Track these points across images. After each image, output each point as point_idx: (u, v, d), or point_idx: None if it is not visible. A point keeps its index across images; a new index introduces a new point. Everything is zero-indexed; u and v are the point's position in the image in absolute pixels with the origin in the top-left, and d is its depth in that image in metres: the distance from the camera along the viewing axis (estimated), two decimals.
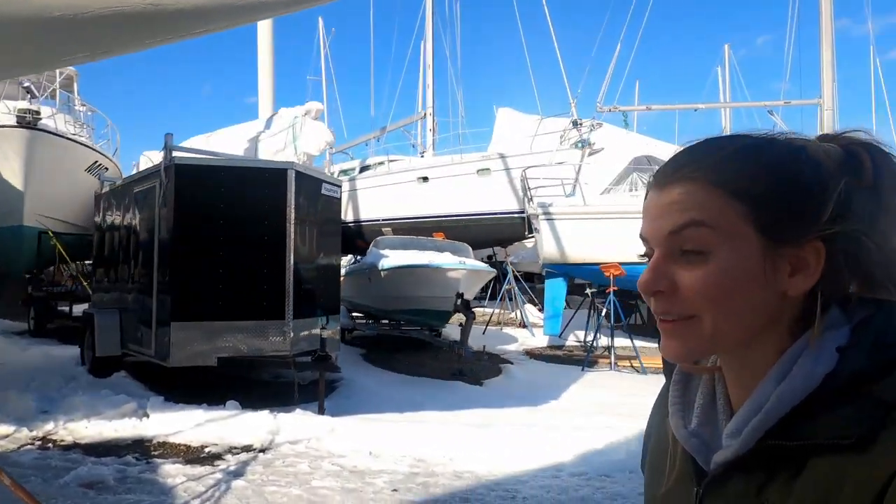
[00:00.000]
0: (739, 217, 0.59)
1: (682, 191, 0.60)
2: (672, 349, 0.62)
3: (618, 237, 9.01)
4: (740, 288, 0.59)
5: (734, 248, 0.58)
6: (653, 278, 0.61)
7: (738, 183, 0.59)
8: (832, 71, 9.67)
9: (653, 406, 0.80)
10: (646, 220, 0.63)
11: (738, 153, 0.61)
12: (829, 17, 9.65)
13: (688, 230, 0.59)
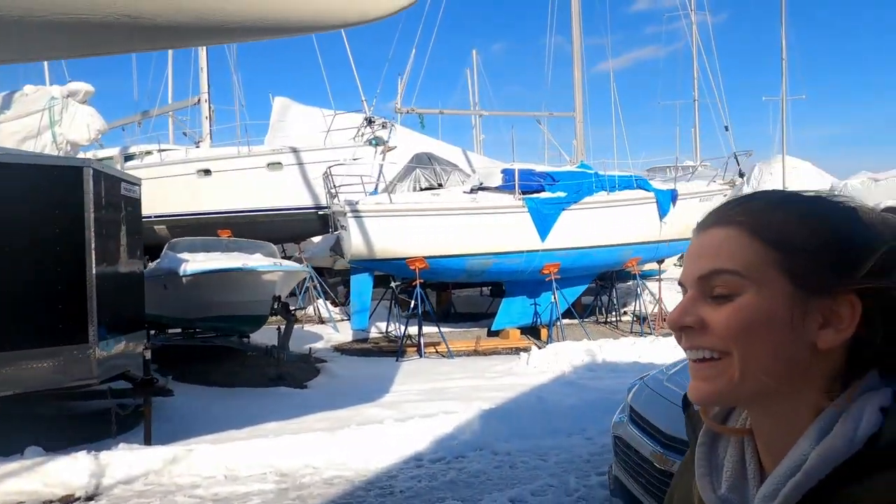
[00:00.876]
0: (771, 264, 0.59)
1: (720, 235, 0.62)
2: (699, 390, 0.62)
3: (422, 232, 9.59)
4: (765, 330, 0.58)
5: (761, 292, 0.59)
6: (680, 314, 0.62)
7: (776, 231, 0.60)
8: (581, 90, 11.63)
9: (678, 468, 0.79)
10: (685, 263, 0.66)
11: (783, 203, 0.62)
12: (579, 46, 11.57)
13: (718, 276, 0.60)
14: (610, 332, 10.93)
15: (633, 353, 8.19)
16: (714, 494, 0.64)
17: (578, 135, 11.33)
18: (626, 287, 13.44)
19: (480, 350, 9.63)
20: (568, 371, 7.53)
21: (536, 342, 9.97)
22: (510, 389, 6.76)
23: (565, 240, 9.90)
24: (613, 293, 12.28)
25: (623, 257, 10.85)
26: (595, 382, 6.99)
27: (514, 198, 9.72)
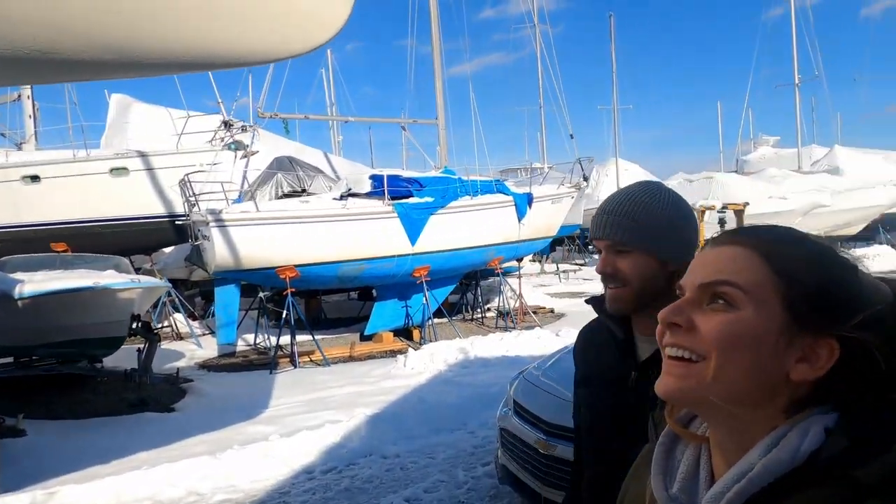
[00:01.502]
0: (773, 290, 0.62)
1: (731, 252, 0.65)
2: (668, 385, 0.65)
3: (292, 240, 9.41)
4: (750, 347, 0.62)
5: (758, 311, 0.62)
6: (671, 312, 0.65)
7: (786, 263, 0.63)
8: (443, 98, 12.10)
9: (634, 464, 0.84)
10: (688, 271, 0.68)
11: (797, 243, 0.66)
12: (439, 54, 12.02)
13: (719, 287, 0.63)
14: (477, 328, 11.53)
15: (501, 348, 8.75)
16: (665, 493, 0.68)
17: (441, 141, 11.81)
18: (488, 284, 14.25)
19: (356, 356, 9.68)
20: (444, 370, 7.87)
21: (410, 343, 10.25)
22: (391, 393, 6.93)
23: (434, 243, 10.28)
24: (478, 291, 12.95)
25: (487, 257, 11.51)
26: (470, 378, 7.40)
27: (384, 204, 9.90)
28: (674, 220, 1.20)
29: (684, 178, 23.37)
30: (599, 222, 1.23)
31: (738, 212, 13.08)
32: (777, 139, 42.90)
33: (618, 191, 1.26)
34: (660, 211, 1.20)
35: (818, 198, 20.82)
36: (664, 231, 1.18)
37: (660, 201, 1.21)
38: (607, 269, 1.21)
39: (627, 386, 1.22)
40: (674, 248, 1.19)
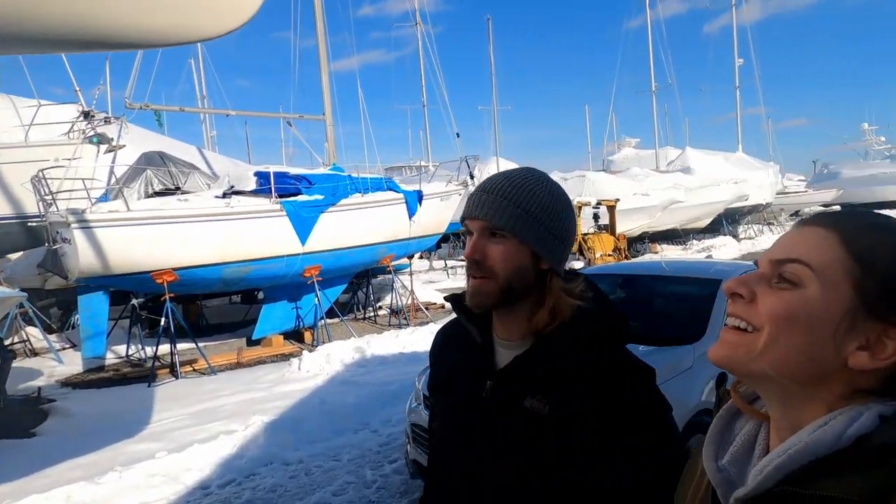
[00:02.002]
0: (845, 273, 0.60)
1: (812, 232, 0.64)
2: (718, 351, 0.66)
3: (170, 242, 8.72)
4: (805, 324, 0.60)
5: (823, 292, 0.61)
6: (737, 283, 0.66)
7: (867, 247, 0.61)
8: (330, 93, 11.83)
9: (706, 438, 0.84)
10: (768, 249, 0.68)
11: (885, 228, 0.63)
12: (325, 49, 11.72)
13: (789, 264, 0.63)
14: (371, 327, 11.44)
15: (397, 345, 8.77)
16: (714, 463, 0.68)
17: (329, 137, 11.53)
18: (379, 283, 14.19)
19: (244, 362, 9.20)
20: (341, 370, 7.73)
21: (302, 346, 9.94)
22: (288, 397, 6.69)
23: (325, 242, 10.04)
24: (370, 290, 12.85)
25: (379, 255, 11.44)
26: (369, 377, 7.33)
27: (272, 202, 9.49)
28: (556, 212, 1.09)
29: (560, 176, 24.72)
30: (477, 201, 1.09)
31: (610, 207, 14.11)
32: (638, 141, 46.88)
33: (500, 172, 1.13)
34: (544, 199, 1.09)
35: (675, 194, 23.02)
36: (545, 221, 1.08)
37: (544, 189, 1.10)
38: (476, 255, 1.07)
39: (482, 397, 1.11)
40: (551, 241, 1.08)
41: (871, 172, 46.81)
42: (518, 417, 1.06)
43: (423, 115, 30.33)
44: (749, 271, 0.69)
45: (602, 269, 5.93)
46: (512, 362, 1.10)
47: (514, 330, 1.13)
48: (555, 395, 1.05)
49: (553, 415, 1.03)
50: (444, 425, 1.24)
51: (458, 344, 1.24)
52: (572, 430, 1.02)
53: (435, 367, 1.33)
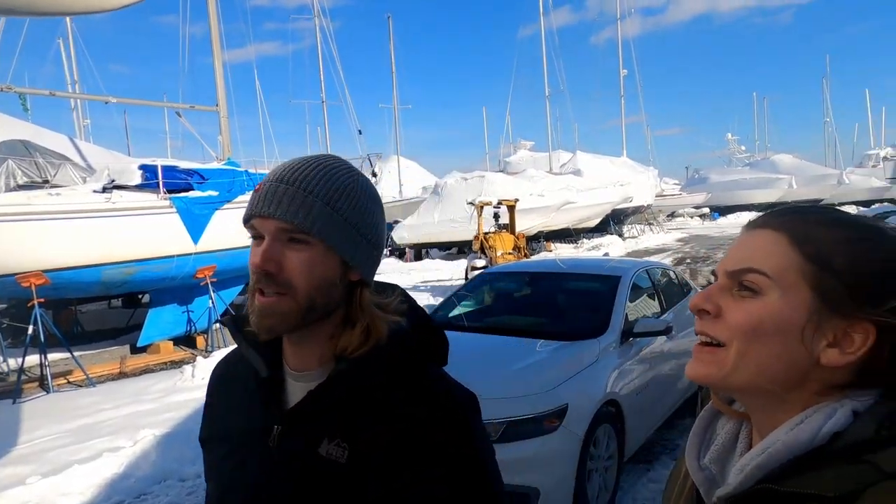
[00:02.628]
0: (802, 275, 0.61)
1: (762, 236, 0.64)
2: (693, 370, 0.67)
3: (39, 241, 7.82)
4: (775, 333, 0.61)
5: (784, 298, 0.61)
6: (702, 299, 0.66)
7: (818, 246, 0.61)
8: (223, 82, 11.16)
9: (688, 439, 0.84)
10: (724, 257, 0.68)
11: (836, 224, 0.63)
12: (218, 35, 11.04)
13: (746, 274, 0.63)
14: None
15: None
16: (696, 462, 0.70)
17: (224, 130, 10.86)
18: None
19: (129, 371, 8.48)
20: None
21: (195, 352, 9.32)
22: (183, 407, 6.22)
23: (221, 241, 9.47)
24: None
25: None
26: None
27: (159, 197, 8.79)
28: (369, 211, 0.89)
29: (460, 176, 25.17)
30: (271, 195, 0.83)
31: (510, 207, 14.52)
32: (533, 143, 48.72)
33: (300, 159, 0.87)
34: (354, 193, 0.87)
35: (568, 195, 24.17)
36: (357, 222, 0.87)
37: (354, 181, 0.87)
38: (269, 266, 0.82)
39: (268, 446, 0.88)
40: (365, 246, 0.88)
41: (734, 178, 52.00)
42: (312, 470, 0.84)
43: (321, 111, 29.57)
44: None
45: (507, 268, 6.06)
46: (305, 398, 0.86)
47: (311, 357, 0.90)
48: (357, 436, 0.83)
49: (352, 463, 0.82)
50: (218, 487, 0.96)
51: (237, 380, 0.97)
52: (369, 482, 0.81)
53: (209, 412, 1.05)
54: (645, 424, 4.31)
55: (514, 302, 5.23)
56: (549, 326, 4.55)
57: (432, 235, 23.23)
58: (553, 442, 3.25)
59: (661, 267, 5.83)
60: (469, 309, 5.17)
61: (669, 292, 5.53)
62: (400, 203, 29.41)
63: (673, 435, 4.99)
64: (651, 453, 4.62)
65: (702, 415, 0.74)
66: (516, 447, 3.20)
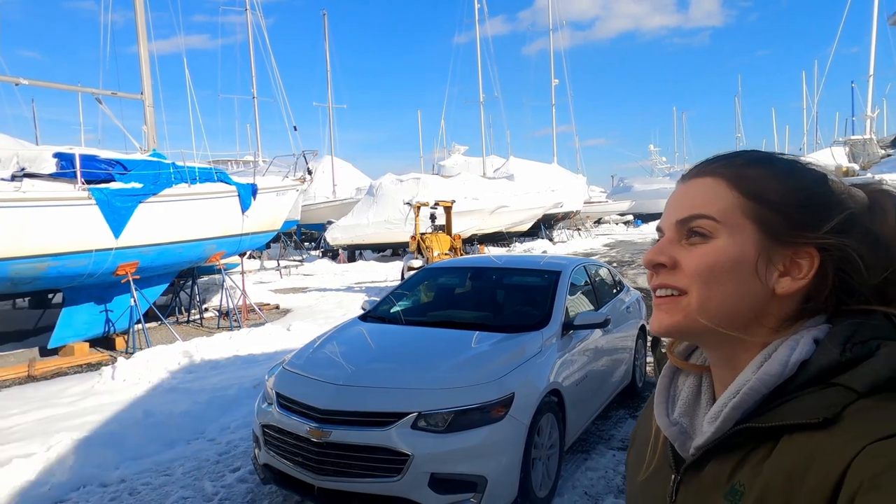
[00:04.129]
0: (745, 213, 0.63)
1: (702, 184, 0.66)
2: (659, 321, 0.67)
3: None
4: (731, 271, 0.63)
5: (733, 237, 0.63)
6: (655, 253, 0.68)
7: (753, 183, 0.64)
8: (149, 70, 10.59)
9: (641, 412, 0.87)
10: (665, 210, 0.70)
11: (763, 162, 0.66)
12: (144, 19, 10.46)
13: (694, 220, 0.65)
14: (197, 330, 10.47)
15: (230, 348, 8.13)
16: (667, 419, 0.72)
17: (149, 120, 10.28)
18: (205, 283, 13.07)
19: (38, 374, 7.84)
20: (167, 378, 6.94)
21: (114, 353, 8.76)
22: (101, 410, 5.83)
23: (144, 236, 8.95)
24: (195, 289, 11.77)
25: (208, 252, 10.53)
26: (200, 383, 6.69)
27: (77, 188, 8.21)
28: None
29: (395, 178, 25.03)
30: None
31: (447, 208, 14.58)
32: (467, 148, 49.25)
33: None
34: None
35: (501, 199, 24.58)
36: None
37: None
38: None
39: None
40: None
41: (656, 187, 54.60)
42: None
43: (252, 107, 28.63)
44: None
45: (451, 263, 6.08)
46: None
47: None
48: None
49: None
50: None
51: None
52: None
53: None
54: (584, 414, 4.42)
55: (458, 296, 5.25)
56: (493, 320, 4.59)
57: (366, 237, 22.98)
58: (500, 430, 3.28)
59: (597, 264, 6.02)
60: (412, 304, 5.14)
61: (604, 288, 5.72)
62: (334, 204, 28.93)
63: (608, 426, 5.15)
64: (588, 443, 4.75)
65: (663, 374, 0.77)
66: (464, 436, 3.20)
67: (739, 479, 0.61)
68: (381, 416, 3.26)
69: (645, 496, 0.77)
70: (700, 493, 0.66)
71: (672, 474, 0.70)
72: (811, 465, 0.55)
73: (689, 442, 0.69)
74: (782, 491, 0.56)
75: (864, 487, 0.51)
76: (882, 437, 0.52)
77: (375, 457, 3.18)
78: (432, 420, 3.23)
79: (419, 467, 3.12)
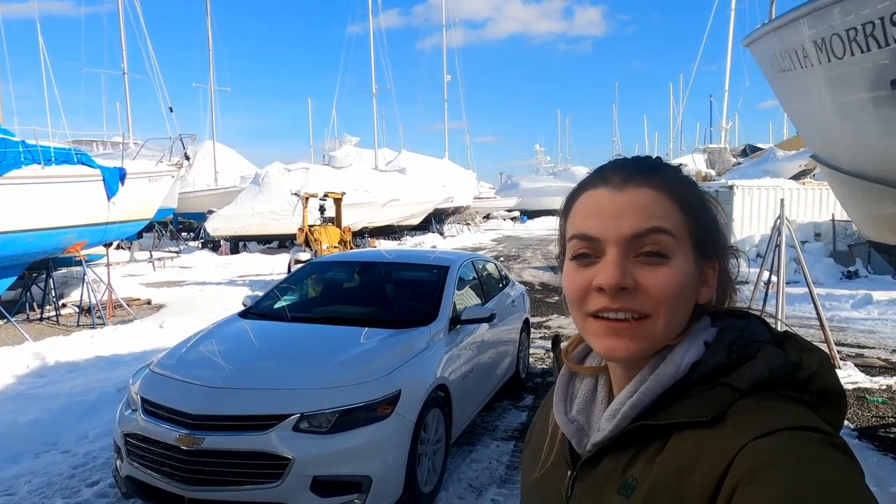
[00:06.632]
0: (687, 231, 0.66)
1: (648, 197, 0.65)
2: (625, 349, 0.64)
3: None
4: (687, 291, 0.65)
5: (686, 255, 0.65)
6: (621, 274, 0.63)
7: (690, 202, 0.67)
8: None
9: (542, 402, 0.88)
10: (597, 217, 0.65)
11: (689, 182, 0.70)
12: None
13: (653, 235, 0.63)
14: (52, 328, 9.41)
15: (92, 349, 7.39)
16: (565, 416, 0.74)
17: None
18: (63, 276, 11.78)
19: None
20: (13, 383, 6.15)
21: None
22: None
23: None
24: (50, 284, 10.57)
25: (65, 242, 9.48)
26: (54, 388, 6.00)
27: None
28: None
29: (283, 167, 24.08)
30: None
31: (336, 200, 14.25)
32: (358, 139, 48.47)
33: None
34: None
35: (393, 192, 24.49)
36: None
37: None
38: None
39: None
40: None
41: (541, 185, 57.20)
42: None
43: (122, 84, 26.20)
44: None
45: (337, 258, 5.93)
46: None
47: None
48: None
49: None
50: None
51: None
52: None
53: None
54: (470, 407, 4.49)
55: (345, 292, 5.12)
56: (381, 315, 4.53)
57: (251, 227, 21.92)
58: (386, 429, 3.23)
59: (484, 259, 6.15)
60: (297, 299, 4.94)
61: (491, 283, 5.85)
62: (215, 192, 27.31)
63: (492, 417, 5.28)
64: (473, 435, 4.84)
65: (562, 373, 0.79)
66: (349, 436, 3.11)
67: (633, 473, 0.63)
68: (259, 419, 3.08)
69: (540, 492, 0.77)
70: (595, 487, 0.68)
71: (568, 470, 0.72)
72: (698, 460, 0.58)
73: (585, 439, 0.70)
74: (672, 484, 0.59)
75: (744, 482, 0.53)
76: (761, 435, 0.55)
77: (253, 463, 3.00)
78: (315, 421, 3.11)
79: (301, 471, 2.99)
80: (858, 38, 3.66)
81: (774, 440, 0.55)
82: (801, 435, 0.55)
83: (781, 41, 4.60)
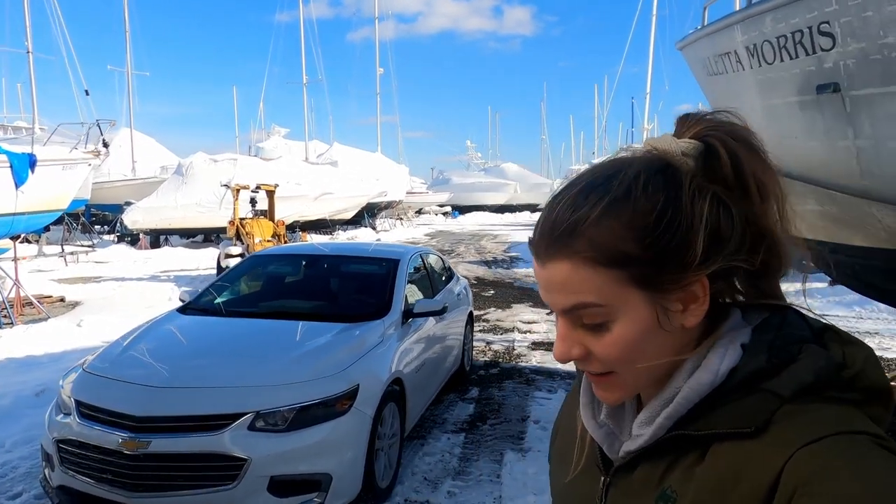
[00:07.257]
0: (622, 283, 0.60)
1: (563, 272, 0.61)
2: (611, 398, 0.66)
3: None
4: (643, 341, 0.62)
5: (627, 314, 0.61)
6: (566, 348, 0.64)
7: (609, 250, 0.59)
8: None
9: (563, 402, 0.86)
10: (539, 287, 0.65)
11: (607, 211, 0.59)
12: None
13: (581, 310, 0.61)
14: None
15: (2, 350, 6.79)
16: (594, 420, 0.71)
17: None
18: None
19: None
20: None
21: None
22: None
23: None
24: None
25: None
26: None
27: None
28: None
29: (208, 157, 23.02)
30: None
31: (269, 192, 13.79)
32: (287, 131, 47.09)
33: None
34: None
35: (326, 186, 24.00)
36: None
37: None
38: None
39: None
40: None
41: (472, 181, 57.89)
42: None
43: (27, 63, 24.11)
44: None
45: (282, 251, 5.73)
46: None
47: None
48: None
49: None
50: None
51: None
52: None
53: None
54: (422, 401, 4.47)
55: (292, 286, 4.96)
56: (331, 309, 4.42)
57: (174, 220, 20.84)
58: (345, 425, 3.15)
59: (430, 252, 6.13)
60: (240, 294, 4.74)
61: (436, 276, 5.85)
62: (133, 182, 25.78)
63: (440, 409, 5.29)
64: (423, 428, 4.82)
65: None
66: (307, 433, 3.01)
67: (671, 483, 0.61)
68: (212, 418, 2.93)
69: (573, 496, 0.76)
70: (631, 495, 0.66)
71: (601, 476, 0.70)
72: (743, 472, 0.56)
73: (616, 443, 0.69)
74: (716, 498, 0.57)
75: (798, 493, 0.52)
76: (809, 442, 0.54)
77: (206, 465, 2.85)
78: (272, 419, 2.99)
79: (257, 471, 2.87)
80: (788, 45, 3.91)
81: (822, 447, 0.53)
82: (849, 440, 0.54)
83: (714, 46, 4.85)
